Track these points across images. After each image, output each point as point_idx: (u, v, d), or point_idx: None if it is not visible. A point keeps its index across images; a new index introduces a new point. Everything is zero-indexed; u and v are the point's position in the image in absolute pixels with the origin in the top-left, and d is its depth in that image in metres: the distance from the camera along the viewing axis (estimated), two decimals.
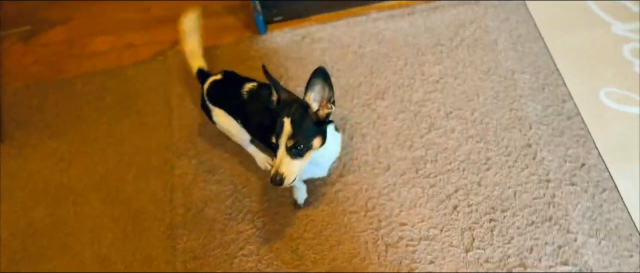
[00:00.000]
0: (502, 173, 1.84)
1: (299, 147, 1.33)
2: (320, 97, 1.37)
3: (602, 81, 2.02)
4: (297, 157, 1.35)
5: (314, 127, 1.37)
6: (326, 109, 1.38)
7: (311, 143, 1.36)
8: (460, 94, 2.05)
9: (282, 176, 1.33)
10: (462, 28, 2.23)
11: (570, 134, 1.90)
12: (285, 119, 1.33)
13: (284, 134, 1.33)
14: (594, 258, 1.65)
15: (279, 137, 1.33)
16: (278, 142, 1.34)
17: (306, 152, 1.36)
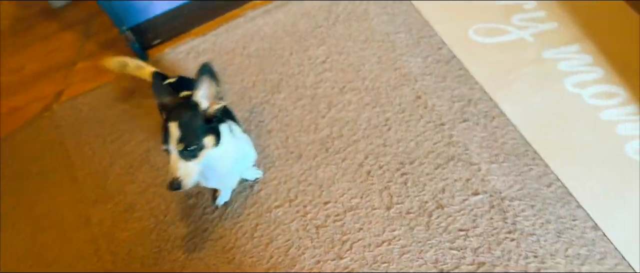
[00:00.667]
0: (401, 129, 1.95)
1: (191, 148, 1.35)
2: (209, 93, 1.39)
3: (468, 21, 2.18)
4: (191, 158, 1.36)
5: (203, 125, 1.38)
6: (216, 106, 1.40)
7: (203, 142, 1.38)
8: (347, 67, 2.14)
9: (179, 180, 1.34)
10: (335, 5, 2.32)
11: (452, 77, 2.05)
12: (171, 123, 1.34)
13: (173, 138, 1.34)
14: (500, 181, 1.81)
15: (169, 143, 1.34)
16: (169, 148, 1.35)
17: (200, 152, 1.38)
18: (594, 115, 1.89)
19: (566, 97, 1.94)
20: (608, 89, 1.94)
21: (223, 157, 1.49)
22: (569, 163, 1.81)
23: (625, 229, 1.67)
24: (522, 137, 1.89)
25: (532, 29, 2.11)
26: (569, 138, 1.86)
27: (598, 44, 2.04)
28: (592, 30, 2.07)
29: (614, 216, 1.69)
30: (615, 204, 1.71)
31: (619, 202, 1.71)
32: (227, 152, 1.51)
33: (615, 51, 2.01)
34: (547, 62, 2.03)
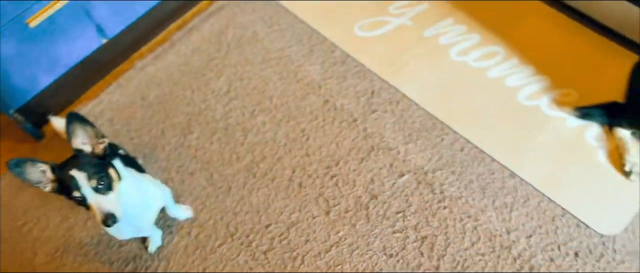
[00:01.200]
0: (319, 135, 2.01)
1: (102, 181, 1.37)
2: (87, 137, 1.41)
3: (351, 21, 2.30)
4: (108, 191, 1.38)
5: (99, 162, 1.40)
6: (101, 145, 1.43)
7: (109, 174, 1.41)
8: (252, 91, 2.17)
9: (110, 213, 1.35)
10: (223, 35, 2.34)
11: (351, 74, 2.15)
12: (72, 172, 1.34)
13: (82, 182, 1.34)
14: (419, 157, 1.92)
15: (79, 188, 1.34)
16: (83, 192, 1.35)
17: (112, 183, 1.40)
18: (482, 76, 2.07)
19: (454, 66, 2.11)
20: (488, 50, 2.14)
21: (128, 191, 1.49)
22: (473, 124, 1.97)
23: (536, 168, 1.85)
24: (427, 112, 2.02)
25: (408, 14, 2.27)
26: (467, 102, 2.02)
27: (468, 12, 2.24)
28: (459, 3, 2.27)
29: (524, 160, 1.87)
30: (522, 149, 1.89)
31: (524, 146, 1.90)
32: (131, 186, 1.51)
33: (485, 15, 2.22)
34: (429, 39, 2.19)
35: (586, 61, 2.04)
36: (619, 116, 1.82)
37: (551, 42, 2.11)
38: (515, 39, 2.14)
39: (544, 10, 2.19)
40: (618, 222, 1.72)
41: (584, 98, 1.93)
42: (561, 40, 2.10)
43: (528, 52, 2.09)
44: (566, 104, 1.95)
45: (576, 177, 1.82)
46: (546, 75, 2.03)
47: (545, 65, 2.05)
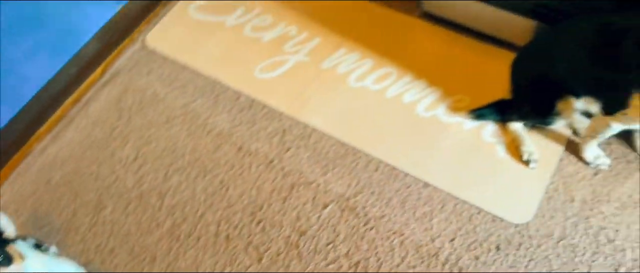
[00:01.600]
0: (238, 184, 2.01)
1: None
2: None
3: (251, 65, 2.33)
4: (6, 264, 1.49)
5: None
6: None
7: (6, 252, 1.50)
8: (162, 152, 2.12)
9: None
10: (122, 102, 2.29)
11: (260, 117, 2.17)
12: None
13: None
14: (339, 185, 1.97)
15: None
16: None
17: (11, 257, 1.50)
18: (381, 97, 2.18)
19: (355, 92, 2.21)
20: (382, 72, 2.25)
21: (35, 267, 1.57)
22: (382, 144, 2.05)
23: (446, 174, 1.96)
24: (338, 141, 2.09)
25: (303, 50, 2.35)
26: (373, 124, 2.11)
27: (358, 41, 2.35)
28: (348, 33, 2.38)
29: (433, 168, 1.98)
30: (429, 158, 2.00)
31: (430, 155, 2.01)
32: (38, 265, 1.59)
33: (373, 41, 2.34)
34: (327, 71, 2.28)
35: (471, 67, 2.20)
36: (508, 111, 1.98)
37: (437, 56, 2.26)
38: (404, 58, 2.27)
39: (426, 28, 2.35)
40: (528, 209, 1.85)
41: (475, 101, 2.08)
42: (446, 52, 2.27)
43: (418, 68, 2.23)
44: (460, 109, 2.10)
45: (482, 174, 1.95)
46: (438, 86, 2.17)
47: (436, 78, 2.19)
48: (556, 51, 1.72)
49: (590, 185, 1.86)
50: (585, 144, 1.86)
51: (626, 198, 1.83)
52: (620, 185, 1.85)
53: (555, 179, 1.89)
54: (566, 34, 1.71)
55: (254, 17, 2.49)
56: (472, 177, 1.94)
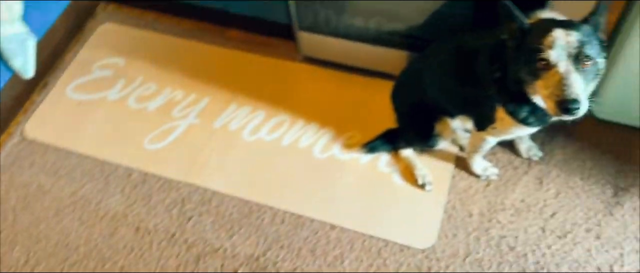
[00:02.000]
0: (140, 266, 1.91)
1: None
2: None
3: (138, 138, 2.24)
4: None
5: None
6: None
7: None
8: (54, 249, 1.98)
9: None
10: (5, 202, 2.12)
11: (155, 191, 2.09)
12: None
13: None
14: (247, 246, 1.92)
15: None
16: None
17: None
18: (278, 146, 2.17)
19: (251, 146, 2.18)
20: (275, 121, 2.25)
21: None
22: (284, 194, 2.03)
23: (350, 212, 1.96)
24: (240, 199, 2.04)
25: (193, 113, 2.30)
26: (273, 175, 2.09)
27: (247, 94, 2.34)
28: (237, 88, 2.37)
29: (337, 208, 1.98)
30: (331, 199, 2.00)
31: (332, 195, 2.01)
32: None
33: (262, 92, 2.34)
34: (220, 130, 2.25)
35: (358, 102, 2.26)
36: (396, 140, 2.04)
37: (325, 96, 2.30)
38: (294, 104, 2.29)
39: (310, 71, 2.39)
40: (431, 232, 1.89)
41: (367, 134, 2.12)
42: (332, 91, 2.31)
43: (309, 112, 2.25)
44: (354, 145, 2.13)
45: (384, 205, 1.97)
46: (330, 127, 2.20)
47: (326, 118, 2.22)
48: (425, 76, 1.79)
49: (484, 197, 1.94)
50: (471, 159, 1.94)
51: (519, 204, 1.91)
52: (511, 191, 1.94)
53: (451, 197, 1.95)
54: (430, 58, 1.79)
55: (137, 87, 2.42)
56: (374, 210, 1.96)
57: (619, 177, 1.92)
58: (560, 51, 1.27)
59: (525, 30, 1.35)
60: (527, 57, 1.33)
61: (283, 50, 2.46)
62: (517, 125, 1.57)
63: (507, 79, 1.45)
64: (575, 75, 1.27)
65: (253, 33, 2.53)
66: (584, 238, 1.81)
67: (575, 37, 1.27)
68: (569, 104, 1.25)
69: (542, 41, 1.29)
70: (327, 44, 2.23)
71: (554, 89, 1.28)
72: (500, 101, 1.54)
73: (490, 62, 1.50)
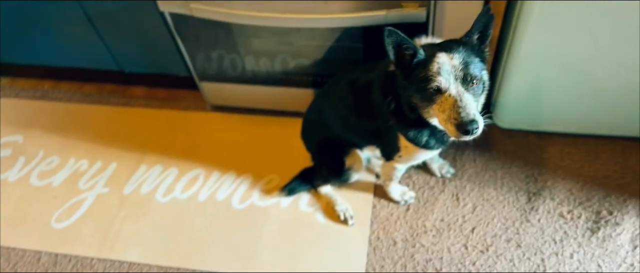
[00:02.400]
0: None
1: None
2: None
3: (44, 217, 2.10)
4: None
5: None
6: None
7: None
8: None
9: None
10: None
11: (67, 271, 1.96)
12: None
13: None
14: None
15: None
16: None
17: None
18: (195, 203, 2.09)
19: (165, 208, 2.09)
20: (189, 177, 2.17)
21: None
22: (206, 252, 1.94)
23: (278, 258, 1.90)
24: (160, 267, 1.93)
25: (101, 181, 2.19)
26: (192, 234, 2.00)
27: (156, 152, 2.26)
28: (145, 147, 2.28)
29: (265, 257, 1.90)
30: (257, 248, 1.93)
31: (256, 244, 1.94)
32: None
33: (171, 148, 2.26)
34: (131, 195, 2.14)
35: (273, 144, 2.22)
36: (313, 178, 2.01)
37: (238, 143, 2.25)
38: (207, 155, 2.22)
39: (220, 119, 2.34)
40: (358, 266, 1.86)
41: (285, 176, 2.08)
42: (245, 137, 2.26)
43: (223, 162, 2.19)
44: (273, 189, 2.08)
45: (309, 246, 1.93)
46: (247, 174, 2.14)
47: (242, 166, 2.17)
48: (327, 113, 1.78)
49: (406, 223, 1.93)
50: (387, 187, 1.93)
51: (439, 224, 1.92)
52: (430, 212, 1.95)
53: (374, 228, 1.94)
54: (329, 95, 1.78)
55: (38, 163, 2.28)
56: (301, 252, 1.91)
57: (530, 182, 1.98)
58: (447, 76, 1.29)
59: (412, 57, 1.34)
60: (418, 85, 1.33)
61: (190, 102, 2.40)
62: (421, 150, 1.58)
63: (402, 107, 1.46)
64: (467, 95, 1.29)
65: (156, 88, 2.46)
66: (506, 249, 1.83)
67: (458, 59, 1.29)
68: (468, 126, 1.26)
69: (430, 68, 1.30)
70: (231, 90, 2.19)
71: (450, 112, 1.29)
72: (400, 130, 1.55)
73: (383, 95, 1.51)
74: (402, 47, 1.33)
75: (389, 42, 1.33)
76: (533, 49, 1.72)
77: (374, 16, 1.61)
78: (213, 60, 2.04)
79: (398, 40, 1.32)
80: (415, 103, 1.38)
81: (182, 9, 1.74)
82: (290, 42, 1.88)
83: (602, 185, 1.93)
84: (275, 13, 1.69)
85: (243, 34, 1.88)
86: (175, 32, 1.93)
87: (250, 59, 2.00)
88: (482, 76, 1.33)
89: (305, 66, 1.99)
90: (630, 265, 1.74)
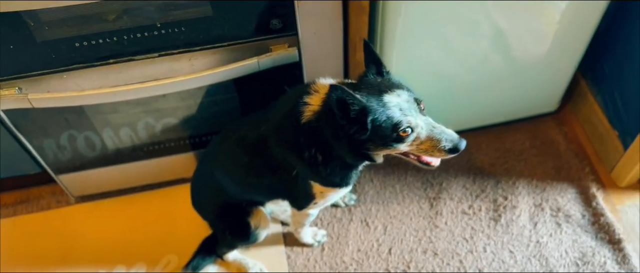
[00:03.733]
0: None
1: None
2: None
3: None
4: None
5: None
6: None
7: None
8: None
9: None
10: None
11: None
12: None
13: None
14: None
15: None
16: None
17: None
18: None
19: None
20: None
21: None
22: None
23: None
24: None
25: None
26: None
27: (15, 266, 1.90)
28: (3, 265, 1.91)
29: None
30: None
31: None
32: None
33: (33, 257, 1.92)
34: None
35: (161, 221, 1.98)
36: (217, 247, 1.83)
37: (119, 231, 1.97)
38: (84, 256, 1.91)
39: (90, 209, 2.02)
40: None
41: (183, 254, 1.86)
42: (126, 221, 1.99)
43: (106, 258, 1.89)
44: (175, 270, 1.86)
45: None
46: (138, 264, 1.88)
47: (130, 256, 1.89)
48: (219, 176, 1.63)
49: (324, 264, 1.85)
50: (299, 233, 1.83)
51: (357, 254, 1.87)
52: (345, 246, 1.89)
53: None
54: (216, 158, 1.63)
55: None
56: None
57: (427, 188, 2.02)
58: (409, 112, 1.23)
59: (363, 111, 1.21)
60: (379, 134, 1.23)
61: (49, 199, 2.05)
62: (339, 190, 1.49)
63: (335, 159, 1.35)
64: (429, 119, 1.27)
65: (4, 192, 2.07)
66: (425, 260, 1.84)
67: (400, 93, 1.24)
68: (459, 144, 1.24)
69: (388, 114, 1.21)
70: (97, 176, 1.91)
71: (431, 143, 1.25)
72: (318, 179, 1.44)
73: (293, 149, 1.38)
74: (349, 103, 1.20)
75: (336, 103, 1.20)
76: (398, 63, 1.74)
77: (246, 65, 1.50)
78: (67, 148, 1.76)
79: (344, 98, 1.19)
80: (370, 150, 1.29)
81: (19, 103, 1.45)
82: (157, 109, 1.69)
83: (490, 173, 2.04)
84: (134, 85, 1.49)
85: (99, 113, 1.64)
86: (15, 129, 1.62)
87: (114, 137, 1.76)
88: None
89: (180, 130, 1.80)
90: (536, 243, 1.85)
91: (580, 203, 1.94)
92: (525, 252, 1.83)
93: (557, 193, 1.96)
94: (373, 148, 1.28)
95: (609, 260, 1.80)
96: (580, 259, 1.81)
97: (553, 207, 1.93)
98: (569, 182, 1.99)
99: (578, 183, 1.99)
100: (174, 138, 1.84)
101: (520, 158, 2.07)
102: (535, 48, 1.84)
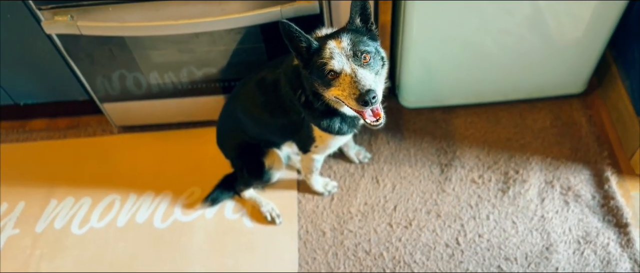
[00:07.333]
0: None
1: None
2: None
3: None
4: None
5: None
6: None
7: None
8: None
9: None
10: None
11: None
12: None
13: None
14: None
15: None
16: None
17: None
18: (113, 230, 1.99)
19: (82, 240, 1.98)
20: (104, 203, 2.07)
21: None
22: None
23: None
24: None
25: (10, 223, 2.03)
26: (115, 263, 1.91)
27: (65, 184, 2.13)
28: (54, 180, 2.15)
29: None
30: (185, 266, 1.88)
31: (184, 261, 1.89)
32: None
33: (82, 177, 2.15)
34: (44, 233, 2.01)
35: (189, 156, 2.17)
36: (236, 183, 1.99)
37: (152, 161, 2.18)
38: (121, 178, 2.13)
39: (130, 140, 2.25)
40: (291, 264, 1.86)
41: (206, 187, 2.04)
42: (158, 154, 2.20)
43: (138, 183, 2.11)
44: (195, 202, 2.04)
45: (240, 252, 1.90)
46: (166, 191, 2.08)
47: (160, 183, 2.10)
48: (240, 116, 1.78)
49: (332, 212, 1.97)
50: (309, 180, 1.96)
51: (363, 207, 1.97)
52: (354, 198, 1.99)
53: (302, 223, 1.95)
54: (239, 98, 1.78)
55: None
56: (232, 260, 1.89)
57: (441, 155, 2.08)
58: (339, 57, 1.35)
59: (310, 49, 1.39)
60: (317, 72, 1.38)
61: (95, 127, 2.29)
62: (335, 137, 1.62)
63: (309, 98, 1.49)
64: (362, 70, 1.35)
65: (58, 118, 2.33)
66: (427, 220, 1.91)
67: (346, 41, 1.37)
68: (366, 96, 1.32)
69: (322, 54, 1.36)
70: (138, 108, 2.12)
71: (349, 89, 1.35)
72: (313, 121, 1.58)
73: (292, 89, 1.53)
74: (296, 38, 1.37)
75: (284, 35, 1.37)
76: (424, 28, 1.82)
77: (269, 13, 1.63)
78: (113, 79, 1.97)
79: (291, 33, 1.36)
80: (318, 90, 1.43)
81: (69, 29, 1.66)
82: (191, 50, 1.85)
83: (505, 147, 2.07)
84: (169, 20, 1.66)
85: (140, 47, 1.83)
86: (67, 55, 1.84)
87: (153, 73, 1.95)
88: (374, 50, 1.40)
89: (211, 73, 1.97)
90: (541, 217, 1.87)
91: (593, 185, 1.93)
92: (528, 225, 1.86)
93: (570, 173, 1.97)
94: (322, 90, 1.42)
95: (613, 242, 1.80)
96: (583, 238, 1.82)
97: (564, 186, 1.94)
98: (585, 164, 1.99)
99: (594, 165, 1.98)
100: (207, 80, 2.00)
101: (538, 136, 2.08)
102: (571, 28, 1.84)
